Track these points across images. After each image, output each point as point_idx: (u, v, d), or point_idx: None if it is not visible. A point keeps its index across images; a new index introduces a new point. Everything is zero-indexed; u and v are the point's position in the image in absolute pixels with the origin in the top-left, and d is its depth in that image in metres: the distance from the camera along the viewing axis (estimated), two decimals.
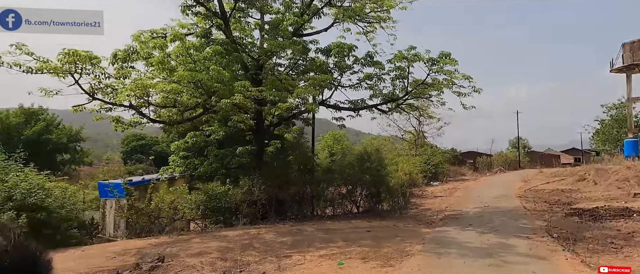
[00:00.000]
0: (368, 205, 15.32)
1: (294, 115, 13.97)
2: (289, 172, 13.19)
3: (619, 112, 40.57)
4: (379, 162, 15.35)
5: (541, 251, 7.60)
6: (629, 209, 11.51)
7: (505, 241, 8.71)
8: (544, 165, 43.36)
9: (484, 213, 13.75)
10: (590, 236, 9.21)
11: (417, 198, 20.19)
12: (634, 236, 8.78)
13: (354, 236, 9.57)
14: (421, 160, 29.75)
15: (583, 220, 10.95)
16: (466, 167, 42.97)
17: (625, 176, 18.77)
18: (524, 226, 10.72)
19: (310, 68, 13.20)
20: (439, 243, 8.50)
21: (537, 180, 26.12)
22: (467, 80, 12.02)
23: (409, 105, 14.69)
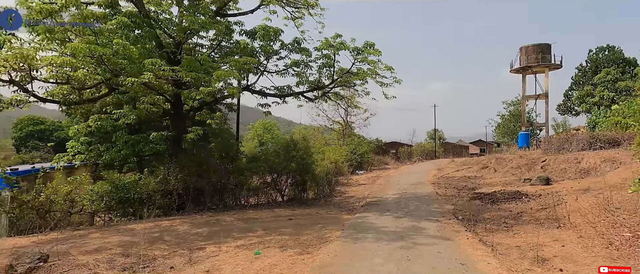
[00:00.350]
0: (293, 194, 15.26)
1: (217, 100, 13.19)
2: (210, 160, 12.46)
3: (516, 108, 46.44)
4: (306, 151, 15.33)
5: (447, 232, 8.20)
6: (520, 192, 13.09)
7: (418, 224, 9.24)
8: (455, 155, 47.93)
9: (401, 199, 14.57)
10: (488, 216, 10.24)
11: (342, 186, 20.76)
12: (522, 216, 9.95)
13: (275, 225, 9.36)
14: (348, 149, 30.67)
15: (483, 203, 12.17)
16: (389, 157, 45.57)
17: (518, 164, 21.43)
18: (435, 210, 11.55)
19: (234, 52, 12.52)
20: (357, 228, 8.70)
21: (449, 168, 28.70)
22: (389, 71, 12.48)
23: (335, 94, 14.82)
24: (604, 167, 15.68)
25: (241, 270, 5.80)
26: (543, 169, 19.46)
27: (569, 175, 17.00)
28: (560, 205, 10.34)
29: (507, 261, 6.01)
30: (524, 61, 36.01)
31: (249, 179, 12.69)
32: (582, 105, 34.18)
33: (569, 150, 21.53)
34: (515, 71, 37.25)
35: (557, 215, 9.45)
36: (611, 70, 32.57)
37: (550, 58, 35.18)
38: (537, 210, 10.41)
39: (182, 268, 6.11)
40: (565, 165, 18.30)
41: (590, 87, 33.79)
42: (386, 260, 5.94)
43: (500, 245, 7.15)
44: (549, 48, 35.45)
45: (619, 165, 15.08)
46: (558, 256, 6.15)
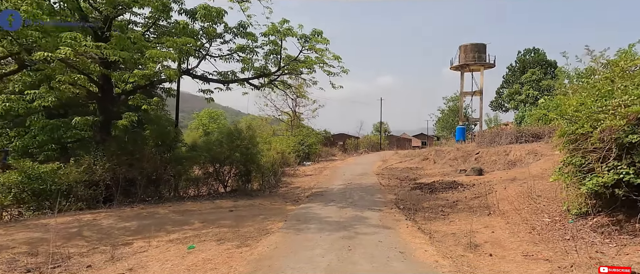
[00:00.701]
0: (237, 185, 14.70)
1: (153, 84, 12.14)
2: (144, 148, 11.47)
3: (454, 104, 49.42)
4: (250, 140, 14.80)
5: (388, 222, 8.32)
6: (456, 182, 13.83)
7: (361, 214, 9.29)
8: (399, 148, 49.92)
9: (346, 189, 14.68)
10: (427, 205, 10.65)
11: (288, 177, 20.50)
12: (457, 204, 10.46)
13: (214, 217, 8.86)
14: (295, 140, 30.44)
15: (423, 193, 12.65)
16: (337, 148, 46.17)
17: (455, 156, 22.75)
18: (378, 200, 11.75)
19: (173, 32, 11.57)
20: (300, 219, 8.51)
21: (393, 160, 29.73)
22: (337, 60, 12.37)
23: (282, 83, 14.43)
24: (528, 159, 17.12)
25: (170, 266, 5.31)
26: (477, 161, 20.85)
27: (498, 166, 18.33)
28: (490, 193, 11.05)
29: (443, 247, 6.18)
30: (462, 59, 38.30)
31: (188, 169, 11.92)
32: (511, 102, 37.44)
33: (499, 143, 23.21)
34: (455, 68, 39.53)
35: (488, 203, 10.06)
36: (536, 71, 36.09)
37: (485, 58, 37.84)
38: (471, 198, 11.02)
39: (101, 266, 5.46)
40: (496, 157, 19.73)
41: (518, 85, 37.13)
42: (327, 251, 5.81)
43: (437, 233, 7.40)
44: (484, 48, 38.06)
45: (541, 157, 16.54)
46: (488, 241, 6.46)
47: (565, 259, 5.02)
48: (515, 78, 39.91)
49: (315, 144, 34.21)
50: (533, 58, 38.23)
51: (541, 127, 21.77)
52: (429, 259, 5.38)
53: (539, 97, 29.51)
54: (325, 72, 12.69)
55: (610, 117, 5.41)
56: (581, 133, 6.03)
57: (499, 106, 42.72)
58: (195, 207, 10.20)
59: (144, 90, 13.37)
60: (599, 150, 5.83)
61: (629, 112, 5.35)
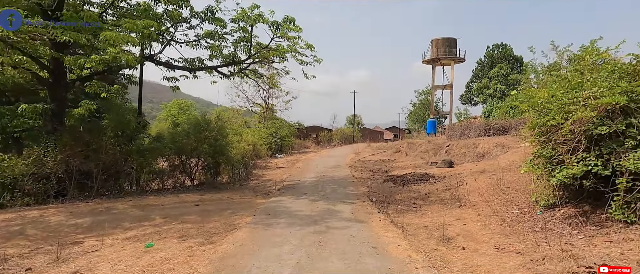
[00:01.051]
0: (205, 177, 14.11)
1: (112, 70, 11.28)
2: (102, 139, 10.65)
3: (426, 97, 50.30)
4: (219, 131, 14.21)
5: (361, 215, 8.12)
6: (428, 174, 13.90)
7: (333, 207, 9.06)
8: (372, 140, 50.34)
9: (319, 182, 14.44)
10: (400, 198, 10.57)
11: (260, 169, 20.02)
12: (429, 196, 10.45)
13: (177, 212, 8.33)
14: (268, 132, 29.86)
15: (396, 185, 12.60)
16: (310, 141, 45.93)
17: (426, 149, 23.05)
18: (350, 193, 11.57)
19: (134, 14, 10.76)
20: (270, 213, 8.16)
21: (366, 153, 29.83)
22: (309, 49, 11.98)
23: (253, 72, 13.88)
24: (496, 151, 17.54)
25: (123, 268, 4.82)
26: (447, 153, 21.21)
27: (468, 158, 18.69)
28: (461, 185, 11.13)
29: (415, 241, 6.04)
30: (434, 53, 38.87)
31: (151, 161, 11.22)
32: (480, 96, 38.52)
33: (468, 136, 23.71)
34: (427, 62, 40.08)
35: (459, 194, 10.11)
36: (503, 66, 37.27)
37: (456, 52, 38.59)
38: (442, 190, 11.05)
39: (43, 268, 4.88)
40: (465, 149, 20.13)
41: (486, 80, 38.22)
42: (296, 247, 5.51)
43: (410, 226, 7.27)
44: (455, 43, 38.79)
45: (508, 149, 17.00)
46: (460, 234, 6.39)
47: (536, 252, 4.97)
48: (484, 73, 41.08)
49: (289, 136, 33.76)
50: (501, 53, 39.48)
51: (508, 121, 22.45)
52: (402, 254, 5.20)
53: (507, 91, 30.55)
54: (297, 61, 12.30)
55: (581, 109, 5.40)
56: (552, 125, 6.02)
57: (469, 100, 43.93)
58: (157, 201, 9.59)
59: (103, 77, 12.44)
60: (568, 142, 5.84)
61: (598, 103, 5.36)
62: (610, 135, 5.44)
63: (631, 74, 5.57)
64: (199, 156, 13.65)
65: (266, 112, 38.35)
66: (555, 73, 6.96)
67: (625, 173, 5.11)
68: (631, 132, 5.20)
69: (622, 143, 5.29)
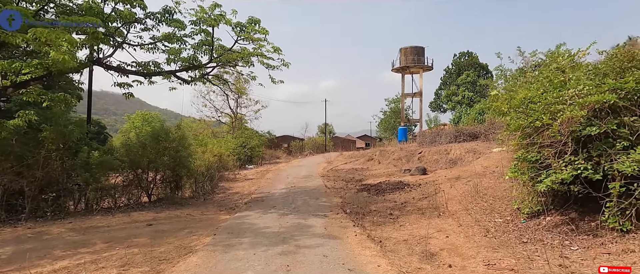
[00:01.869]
0: (165, 193, 12.91)
1: (52, 75, 9.99)
2: (41, 153, 9.30)
3: (396, 105, 50.71)
4: (180, 142, 13.10)
5: (335, 229, 7.39)
6: (402, 182, 13.43)
7: (304, 221, 8.28)
8: (344, 149, 50.02)
9: (289, 193, 13.62)
10: (375, 208, 9.95)
11: (227, 182, 18.90)
12: (406, 206, 9.90)
13: (124, 234, 7.24)
14: (236, 142, 28.66)
15: (370, 194, 12.00)
16: (281, 150, 44.93)
17: (399, 156, 22.79)
18: (323, 204, 10.84)
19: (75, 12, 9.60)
20: (233, 232, 7.25)
21: (338, 161, 29.27)
22: (276, 52, 11.23)
23: (217, 77, 12.93)
24: (468, 157, 17.45)
25: None
26: (420, 160, 21.01)
27: (441, 164, 18.51)
28: (438, 193, 10.69)
29: (396, 259, 5.37)
30: (403, 61, 39.29)
31: (99, 177, 9.96)
32: (448, 103, 39.24)
33: (439, 142, 23.71)
34: (396, 70, 40.44)
35: (436, 203, 9.63)
36: (470, 73, 38.25)
37: (424, 61, 39.21)
38: (419, 199, 10.55)
39: None
40: (438, 156, 19.99)
41: (454, 87, 39.02)
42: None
43: (389, 240, 6.62)
44: (423, 51, 39.43)
45: (480, 155, 16.94)
46: (444, 249, 5.79)
47: (531, 268, 4.43)
48: (451, 80, 42.01)
49: (259, 146, 32.66)
50: (467, 61, 40.57)
51: (477, 126, 22.69)
52: None
53: (474, 98, 31.21)
54: (264, 65, 11.51)
55: (569, 108, 4.98)
56: (536, 127, 5.58)
57: (438, 107, 44.68)
58: (104, 222, 8.41)
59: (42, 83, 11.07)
60: (555, 144, 5.42)
61: (586, 101, 4.96)
62: (599, 135, 5.06)
63: (617, 71, 5.24)
64: (157, 169, 12.47)
65: (235, 122, 37.04)
66: (539, 72, 6.59)
67: (617, 177, 4.72)
68: (622, 132, 4.84)
69: (612, 144, 4.92)
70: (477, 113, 23.46)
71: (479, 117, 23.07)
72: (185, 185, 13.96)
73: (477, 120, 22.89)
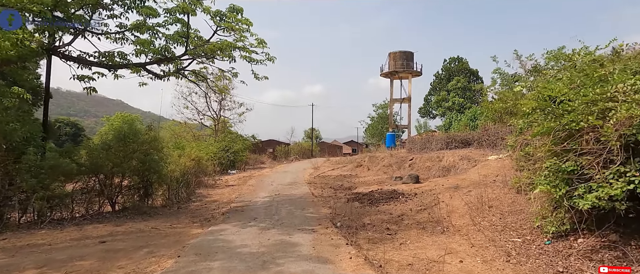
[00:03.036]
0: (132, 201, 11.47)
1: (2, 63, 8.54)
2: None
3: (384, 111, 50.02)
4: (151, 144, 11.73)
5: (325, 249, 6.22)
6: (396, 192, 12.36)
7: (289, 238, 7.08)
8: (330, 154, 48.96)
9: (273, 202, 12.38)
10: (369, 221, 8.83)
11: (206, 188, 17.49)
12: (403, 219, 8.81)
13: (66, 256, 5.88)
14: (218, 146, 27.20)
15: (363, 205, 10.88)
16: (266, 155, 43.54)
17: (389, 163, 21.82)
18: (310, 216, 9.66)
19: None
20: (201, 253, 5.98)
21: (325, 167, 28.13)
22: (261, 46, 10.05)
23: (194, 73, 11.64)
24: (462, 164, 16.57)
25: None
26: (411, 167, 20.07)
27: (433, 172, 17.59)
28: (437, 205, 9.65)
29: None
30: (392, 66, 38.60)
31: (49, 183, 8.51)
32: (438, 109, 38.62)
33: (430, 149, 22.87)
34: (385, 75, 39.72)
35: (437, 216, 8.57)
36: (461, 79, 37.77)
37: (413, 66, 38.62)
38: (417, 210, 9.48)
39: None
40: (430, 163, 19.09)
41: (444, 92, 38.50)
42: None
43: (390, 265, 5.48)
44: (412, 56, 38.85)
45: (475, 162, 16.07)
46: None
47: None
48: (441, 86, 41.48)
49: (242, 151, 31.24)
50: (457, 66, 40.16)
51: (470, 133, 21.95)
52: None
53: (465, 104, 30.61)
54: (246, 60, 10.29)
55: (624, 106, 3.97)
56: (573, 129, 4.57)
57: (427, 113, 44.09)
58: (47, 238, 7.00)
59: None
60: (597, 151, 4.40)
61: None
62: None
63: None
64: (123, 174, 11.05)
65: (218, 125, 35.47)
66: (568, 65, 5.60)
67: None
68: None
69: None
70: (469, 119, 22.73)
71: (471, 123, 22.34)
72: (157, 192, 12.55)
73: (469, 127, 22.15)
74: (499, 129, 17.73)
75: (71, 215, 9.57)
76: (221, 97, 35.43)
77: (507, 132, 16.49)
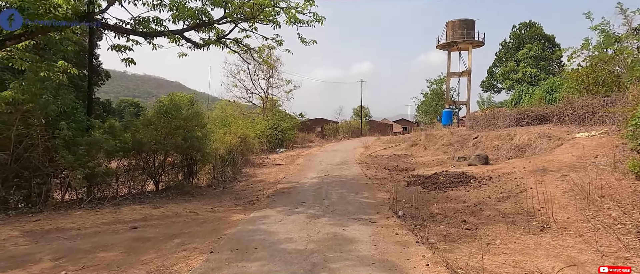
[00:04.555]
0: (176, 180, 10.94)
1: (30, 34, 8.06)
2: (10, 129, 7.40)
3: (439, 87, 46.53)
4: (194, 120, 11.01)
5: (390, 248, 4.88)
6: (465, 174, 10.58)
7: (343, 231, 5.83)
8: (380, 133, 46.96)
9: (322, 184, 11.25)
10: (438, 211, 7.31)
11: (253, 167, 16.86)
12: (482, 210, 7.16)
13: (89, 245, 5.14)
14: (266, 124, 26.64)
15: (426, 189, 9.31)
16: (314, 134, 42.72)
17: (449, 141, 19.70)
18: (365, 202, 8.34)
19: None
20: (238, 247, 4.93)
21: (376, 146, 26.53)
22: (308, 3, 8.63)
23: (236, 42, 10.59)
24: (540, 143, 14.18)
25: None
26: (475, 146, 17.86)
27: (503, 152, 15.36)
28: (523, 192, 7.84)
29: None
30: (450, 36, 35.18)
31: (88, 160, 8.00)
32: (505, 82, 34.46)
33: (495, 126, 20.32)
34: (441, 47, 36.40)
35: (527, 206, 6.82)
36: (533, 46, 33.08)
37: (474, 35, 34.84)
38: (497, 199, 7.74)
39: None
40: (498, 141, 16.78)
41: (513, 63, 34.10)
42: None
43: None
44: (473, 25, 35.04)
45: (560, 141, 13.64)
46: None
47: None
48: (509, 56, 36.91)
49: (290, 129, 30.53)
50: (529, 33, 35.25)
51: (546, 107, 19.00)
52: None
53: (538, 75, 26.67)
54: (291, 21, 8.94)
55: None
56: None
57: (491, 86, 39.64)
58: (78, 222, 6.41)
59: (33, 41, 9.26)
60: None
61: None
62: None
63: None
64: (166, 152, 10.48)
65: (266, 104, 35.05)
66: None
67: None
68: None
69: None
70: (545, 92, 19.63)
71: (547, 97, 19.27)
72: (201, 171, 11.96)
73: (545, 100, 19.13)
74: (589, 102, 14.85)
75: (116, 194, 9.15)
76: (269, 74, 34.85)
77: (600, 104, 13.71)
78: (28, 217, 6.71)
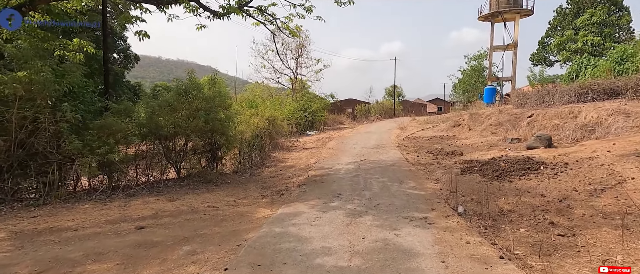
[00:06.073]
0: (199, 166, 10.04)
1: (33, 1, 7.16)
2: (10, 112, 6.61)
3: (478, 63, 43.19)
4: (217, 101, 9.94)
5: (465, 268, 3.53)
6: (531, 159, 8.87)
7: (395, 236, 4.53)
8: (415, 113, 44.69)
9: (358, 170, 9.94)
10: (509, 207, 5.82)
11: (282, 151, 15.80)
12: (570, 206, 5.59)
13: (80, 253, 4.15)
14: (295, 105, 25.49)
15: (486, 178, 7.75)
16: (345, 115, 41.23)
17: (498, 121, 17.67)
18: (414, 194, 6.96)
19: None
20: (261, 261, 3.75)
21: (413, 128, 24.76)
22: None
23: (259, 10, 9.31)
24: (615, 122, 12.06)
25: None
26: (530, 126, 15.79)
27: (566, 132, 13.33)
28: (621, 183, 6.15)
29: None
30: (493, 6, 31.97)
31: (98, 146, 7.13)
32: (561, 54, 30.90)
33: (550, 103, 17.97)
34: (484, 18, 33.24)
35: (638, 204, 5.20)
36: (596, 11, 29.12)
37: (522, 3, 31.48)
38: (587, 192, 6.11)
39: None
40: (558, 120, 14.67)
41: (571, 31, 30.35)
42: None
43: None
44: None
45: (638, 119, 11.53)
46: None
47: None
48: (566, 24, 32.98)
49: (321, 110, 29.23)
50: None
51: (617, 80, 16.42)
52: None
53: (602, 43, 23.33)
54: None
55: None
56: None
57: (542, 60, 35.77)
58: (78, 219, 5.50)
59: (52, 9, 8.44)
60: None
61: None
62: None
63: None
64: (187, 136, 9.53)
65: (295, 84, 33.86)
66: None
67: None
68: None
69: None
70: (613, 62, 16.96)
71: (617, 67, 16.64)
72: (225, 156, 10.99)
73: (615, 72, 16.52)
74: None
75: (134, 182, 8.31)
76: (297, 53, 33.50)
77: None
78: (29, 211, 5.91)
